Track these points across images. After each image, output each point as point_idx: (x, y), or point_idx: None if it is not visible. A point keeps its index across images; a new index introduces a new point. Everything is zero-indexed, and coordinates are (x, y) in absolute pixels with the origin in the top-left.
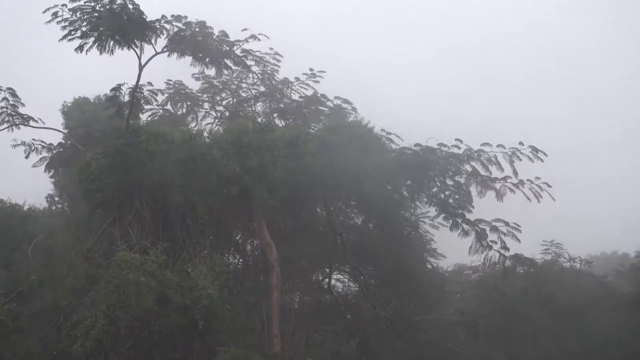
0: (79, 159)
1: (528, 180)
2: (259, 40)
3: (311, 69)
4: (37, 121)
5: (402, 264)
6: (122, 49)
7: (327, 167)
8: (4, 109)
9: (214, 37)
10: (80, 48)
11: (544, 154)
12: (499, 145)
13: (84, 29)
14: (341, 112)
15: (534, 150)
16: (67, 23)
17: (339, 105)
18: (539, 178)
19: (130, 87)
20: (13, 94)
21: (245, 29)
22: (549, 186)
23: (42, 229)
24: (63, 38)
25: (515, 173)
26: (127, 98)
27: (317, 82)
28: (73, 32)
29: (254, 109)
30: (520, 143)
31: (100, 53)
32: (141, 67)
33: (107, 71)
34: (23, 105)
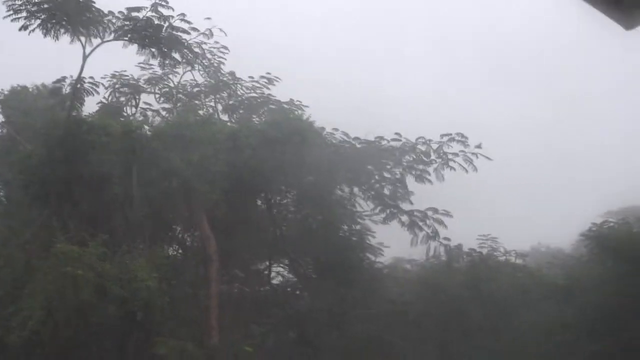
0: (17, 150)
1: (461, 151)
2: (212, 35)
3: (268, 73)
4: None
5: (339, 257)
6: (68, 36)
7: (267, 161)
8: None
9: (164, 28)
10: (24, 27)
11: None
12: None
13: (32, 9)
14: (285, 110)
15: (462, 136)
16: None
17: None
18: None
19: (73, 80)
20: None
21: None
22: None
23: None
24: (7, 17)
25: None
26: (69, 90)
27: (273, 85)
28: (19, 12)
29: (200, 102)
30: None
31: (45, 36)
32: (85, 57)
33: (47, 59)
34: None
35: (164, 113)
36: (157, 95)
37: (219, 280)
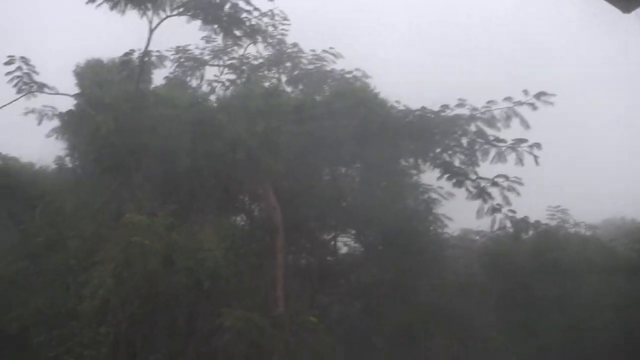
0: (90, 123)
1: (522, 140)
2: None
3: (331, 48)
4: (51, 88)
5: (405, 227)
6: (133, 9)
7: (332, 132)
8: (20, 78)
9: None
10: (92, 0)
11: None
12: (506, 99)
13: None
14: (347, 80)
15: (539, 96)
16: None
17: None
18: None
19: (140, 53)
20: (27, 62)
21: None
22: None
23: (52, 188)
24: None
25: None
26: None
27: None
28: None
29: (264, 73)
30: (525, 91)
31: (111, 9)
32: (151, 31)
33: (115, 35)
34: (37, 73)
35: (228, 85)
36: (221, 68)
37: (285, 250)
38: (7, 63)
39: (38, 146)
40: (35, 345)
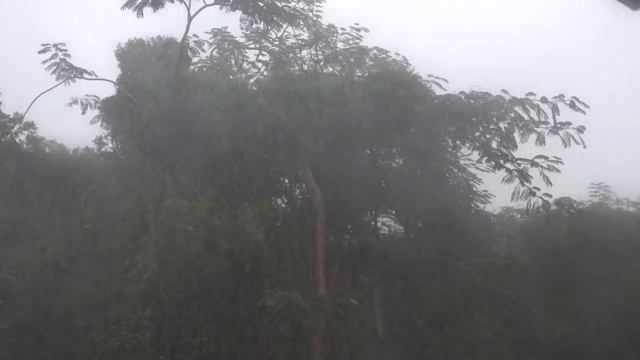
0: (130, 108)
1: (565, 123)
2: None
3: (356, 24)
4: (90, 73)
5: (446, 207)
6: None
7: (371, 114)
8: (58, 64)
9: None
10: None
11: (585, 105)
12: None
13: None
14: (385, 62)
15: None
16: None
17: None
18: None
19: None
20: (61, 49)
21: None
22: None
23: (96, 175)
24: None
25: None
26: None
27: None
28: None
29: (299, 55)
30: (561, 95)
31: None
32: (190, 18)
33: (154, 24)
34: (69, 56)
35: (266, 68)
36: (259, 51)
37: (325, 232)
38: (41, 52)
39: (82, 133)
40: (81, 329)
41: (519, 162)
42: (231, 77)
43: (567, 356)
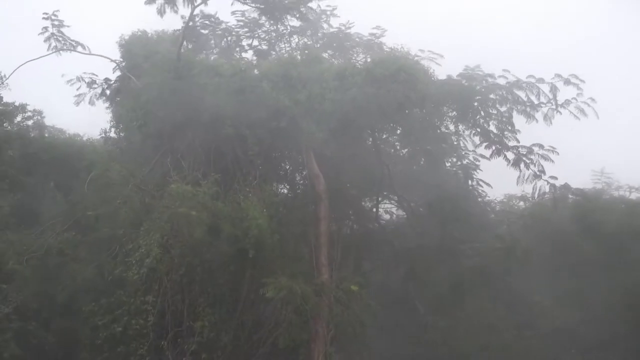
0: (132, 90)
1: (573, 98)
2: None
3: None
4: (85, 48)
5: (447, 193)
6: None
7: (373, 99)
8: (50, 33)
9: None
10: None
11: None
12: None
13: None
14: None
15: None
16: None
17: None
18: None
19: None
20: (54, 20)
21: None
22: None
23: (99, 159)
24: None
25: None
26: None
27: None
28: None
29: (294, 40)
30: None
31: None
32: (194, 7)
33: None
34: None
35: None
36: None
37: (328, 218)
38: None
39: (84, 118)
40: (84, 313)
41: (516, 149)
42: (234, 61)
43: (568, 342)
